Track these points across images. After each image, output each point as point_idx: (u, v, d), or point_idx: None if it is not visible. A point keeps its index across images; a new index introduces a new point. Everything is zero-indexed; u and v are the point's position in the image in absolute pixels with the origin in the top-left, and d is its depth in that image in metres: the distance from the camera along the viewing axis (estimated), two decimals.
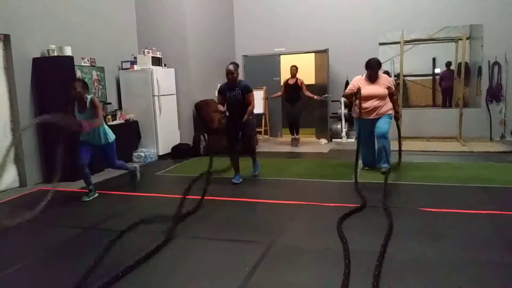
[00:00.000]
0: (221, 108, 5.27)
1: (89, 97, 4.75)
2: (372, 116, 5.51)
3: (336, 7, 9.03)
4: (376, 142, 5.68)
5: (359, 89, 5.39)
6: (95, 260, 2.89)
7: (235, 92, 5.21)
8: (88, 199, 4.79)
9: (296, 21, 9.29)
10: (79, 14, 6.49)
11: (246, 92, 5.20)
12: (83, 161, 4.76)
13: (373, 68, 5.45)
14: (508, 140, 8.11)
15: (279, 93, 8.48)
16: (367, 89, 5.46)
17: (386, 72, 5.94)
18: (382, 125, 5.47)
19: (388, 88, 5.47)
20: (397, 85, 5.80)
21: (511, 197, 4.40)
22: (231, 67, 5.19)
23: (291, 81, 8.19)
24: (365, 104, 5.47)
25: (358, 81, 5.57)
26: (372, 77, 5.49)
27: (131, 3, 7.85)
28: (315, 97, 8.22)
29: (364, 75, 5.58)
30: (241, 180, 5.36)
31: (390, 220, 3.62)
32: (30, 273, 3.01)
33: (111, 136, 4.94)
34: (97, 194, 4.91)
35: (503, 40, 8.07)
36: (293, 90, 8.16)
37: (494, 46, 8.13)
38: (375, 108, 5.46)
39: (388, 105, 5.52)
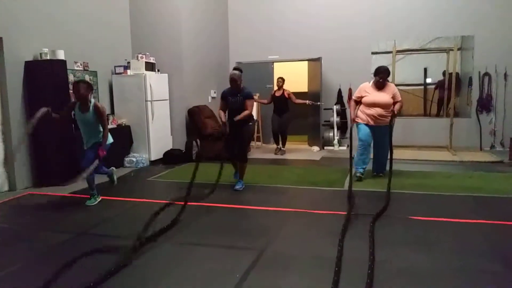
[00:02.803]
0: (222, 116, 5.30)
1: (92, 101, 4.73)
2: (376, 124, 5.52)
3: (330, 16, 9.10)
4: (374, 150, 5.77)
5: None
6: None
7: (237, 98, 5.23)
8: (92, 203, 4.75)
9: (290, 29, 9.35)
10: (72, 18, 6.48)
11: (247, 98, 5.22)
12: (87, 164, 4.73)
13: (382, 75, 5.46)
14: (497, 150, 8.20)
15: (265, 101, 8.51)
16: (373, 96, 5.50)
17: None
18: (386, 140, 5.48)
19: (394, 96, 5.49)
20: None
21: (500, 207, 4.44)
22: (234, 75, 5.18)
23: (278, 93, 8.25)
24: (369, 111, 5.52)
25: (365, 88, 5.61)
26: (379, 84, 5.51)
27: (125, 8, 7.85)
28: (307, 102, 8.29)
29: (371, 82, 5.61)
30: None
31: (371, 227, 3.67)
32: (21, 277, 2.98)
33: (109, 139, 4.89)
34: (100, 198, 4.87)
35: (493, 51, 8.19)
36: (280, 102, 8.22)
37: (485, 57, 8.25)
38: (380, 116, 5.48)
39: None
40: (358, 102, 5.68)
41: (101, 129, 4.81)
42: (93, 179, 4.86)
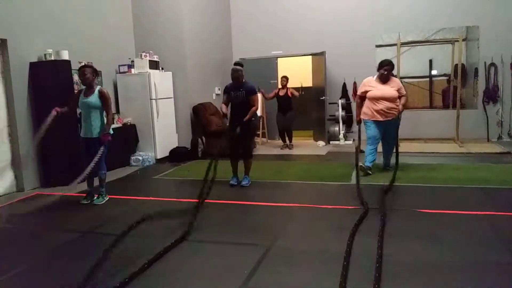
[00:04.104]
0: (224, 108, 5.24)
1: (98, 87, 4.71)
2: (384, 118, 5.46)
3: (333, 9, 9.06)
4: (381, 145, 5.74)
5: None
6: (97, 261, 2.90)
7: (239, 93, 5.21)
8: (100, 202, 4.77)
9: (293, 24, 9.32)
10: (76, 18, 6.49)
11: (250, 93, 5.20)
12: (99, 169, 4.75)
13: (386, 68, 5.42)
14: (505, 141, 8.13)
15: (270, 95, 8.52)
16: (378, 90, 5.45)
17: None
18: (394, 133, 5.55)
19: (399, 90, 5.45)
20: None
21: (509, 198, 4.41)
22: (236, 67, 5.20)
23: (282, 92, 8.29)
24: (377, 107, 5.45)
25: (369, 82, 5.57)
26: (384, 78, 5.46)
27: (127, 7, 7.85)
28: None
29: (375, 76, 5.56)
30: (237, 182, 5.37)
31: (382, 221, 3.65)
32: (29, 277, 2.99)
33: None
34: (107, 198, 4.89)
35: (499, 42, 8.11)
36: (284, 101, 8.28)
37: (490, 48, 8.17)
38: (388, 109, 5.43)
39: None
40: (363, 98, 5.62)
41: (104, 118, 4.75)
42: (105, 176, 4.87)
